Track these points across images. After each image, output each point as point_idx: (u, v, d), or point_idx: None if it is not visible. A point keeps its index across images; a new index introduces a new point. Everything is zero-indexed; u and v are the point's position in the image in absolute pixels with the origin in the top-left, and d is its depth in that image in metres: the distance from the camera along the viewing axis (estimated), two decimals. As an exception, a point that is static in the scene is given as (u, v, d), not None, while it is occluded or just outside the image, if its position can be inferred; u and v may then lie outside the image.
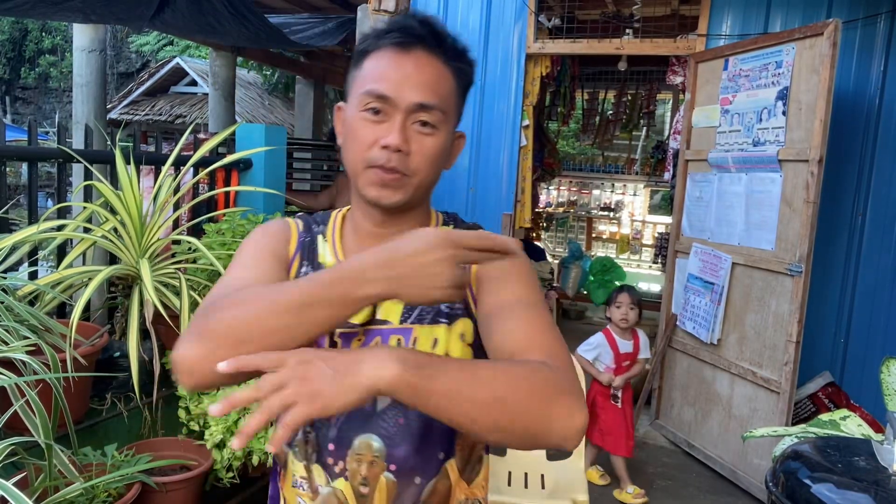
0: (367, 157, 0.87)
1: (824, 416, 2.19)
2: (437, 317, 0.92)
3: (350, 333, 0.92)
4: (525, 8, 3.96)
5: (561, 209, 8.77)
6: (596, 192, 8.96)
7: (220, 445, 2.07)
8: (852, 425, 2.08)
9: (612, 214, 8.65)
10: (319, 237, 0.99)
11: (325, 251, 0.98)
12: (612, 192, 8.87)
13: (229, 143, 3.14)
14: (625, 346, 3.20)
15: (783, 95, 3.04)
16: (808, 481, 1.65)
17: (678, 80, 4.33)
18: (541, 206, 8.37)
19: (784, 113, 3.03)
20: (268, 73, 11.39)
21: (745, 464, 3.20)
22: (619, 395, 3.14)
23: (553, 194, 8.95)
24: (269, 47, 6.54)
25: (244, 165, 3.14)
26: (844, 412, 2.19)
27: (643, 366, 3.26)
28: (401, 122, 0.86)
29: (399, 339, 0.91)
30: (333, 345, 0.92)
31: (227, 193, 3.07)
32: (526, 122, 4.03)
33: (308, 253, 0.98)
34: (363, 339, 0.92)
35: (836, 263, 3.51)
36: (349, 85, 0.93)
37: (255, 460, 2.07)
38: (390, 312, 0.92)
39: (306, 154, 5.31)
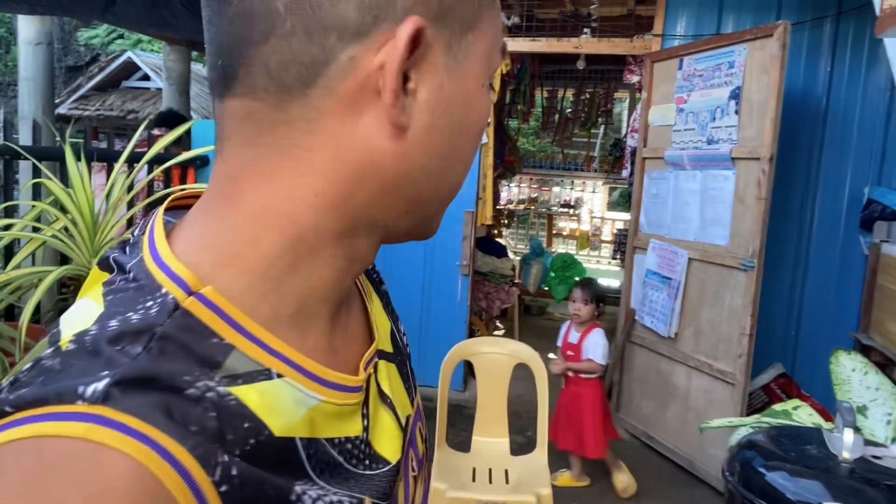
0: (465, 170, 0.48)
1: (777, 407, 2.27)
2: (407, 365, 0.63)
3: (408, 479, 0.55)
4: (485, 6, 3.96)
5: (522, 206, 8.85)
6: (556, 189, 9.08)
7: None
8: (804, 415, 2.16)
9: (571, 211, 8.76)
10: (247, 392, 0.36)
11: (293, 402, 0.39)
12: (571, 189, 9.00)
13: (185, 140, 3.08)
14: (573, 337, 3.23)
15: (735, 95, 3.11)
16: (762, 470, 1.70)
17: (635, 79, 4.41)
18: (502, 203, 8.43)
19: (736, 112, 3.11)
20: (224, 68, 11.16)
21: (702, 454, 3.28)
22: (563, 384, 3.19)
23: (514, 191, 9.02)
24: (225, 42, 6.41)
25: (201, 162, 3.08)
26: (796, 402, 2.27)
27: (591, 366, 3.09)
28: None
29: (420, 427, 0.61)
30: None
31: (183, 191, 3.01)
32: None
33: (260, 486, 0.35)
34: (402, 478, 0.52)
35: (787, 258, 3.63)
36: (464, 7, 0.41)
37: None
38: (404, 404, 0.56)
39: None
